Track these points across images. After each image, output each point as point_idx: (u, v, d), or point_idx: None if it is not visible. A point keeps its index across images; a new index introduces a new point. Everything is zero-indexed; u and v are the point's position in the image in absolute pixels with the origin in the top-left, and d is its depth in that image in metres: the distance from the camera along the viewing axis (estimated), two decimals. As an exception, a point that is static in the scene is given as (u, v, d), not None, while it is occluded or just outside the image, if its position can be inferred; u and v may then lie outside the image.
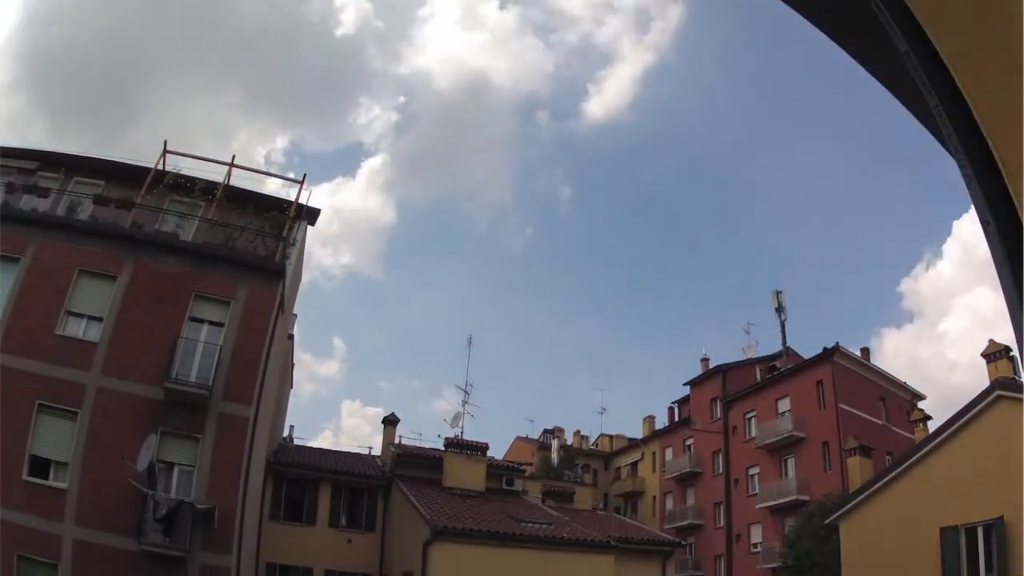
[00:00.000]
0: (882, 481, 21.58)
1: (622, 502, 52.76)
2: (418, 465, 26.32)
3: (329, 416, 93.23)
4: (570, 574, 19.81)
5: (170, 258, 19.89)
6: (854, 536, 21.82)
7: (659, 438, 52.68)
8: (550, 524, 21.87)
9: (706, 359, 50.14)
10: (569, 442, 56.35)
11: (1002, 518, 17.02)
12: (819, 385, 39.14)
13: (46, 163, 22.40)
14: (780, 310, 46.26)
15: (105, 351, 18.29)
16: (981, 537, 17.93)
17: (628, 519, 37.45)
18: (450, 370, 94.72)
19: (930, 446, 20.25)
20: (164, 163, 22.77)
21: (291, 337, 29.07)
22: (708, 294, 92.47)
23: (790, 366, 43.09)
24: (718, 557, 43.67)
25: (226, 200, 21.99)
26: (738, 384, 45.91)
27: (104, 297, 19.02)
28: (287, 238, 21.81)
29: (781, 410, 41.36)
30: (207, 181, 22.25)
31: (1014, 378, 18.37)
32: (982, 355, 19.96)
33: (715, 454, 46.08)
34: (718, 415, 46.59)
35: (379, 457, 29.32)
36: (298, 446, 29.99)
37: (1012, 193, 1.44)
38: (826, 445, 37.42)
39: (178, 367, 18.38)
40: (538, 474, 38.60)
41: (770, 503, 39.24)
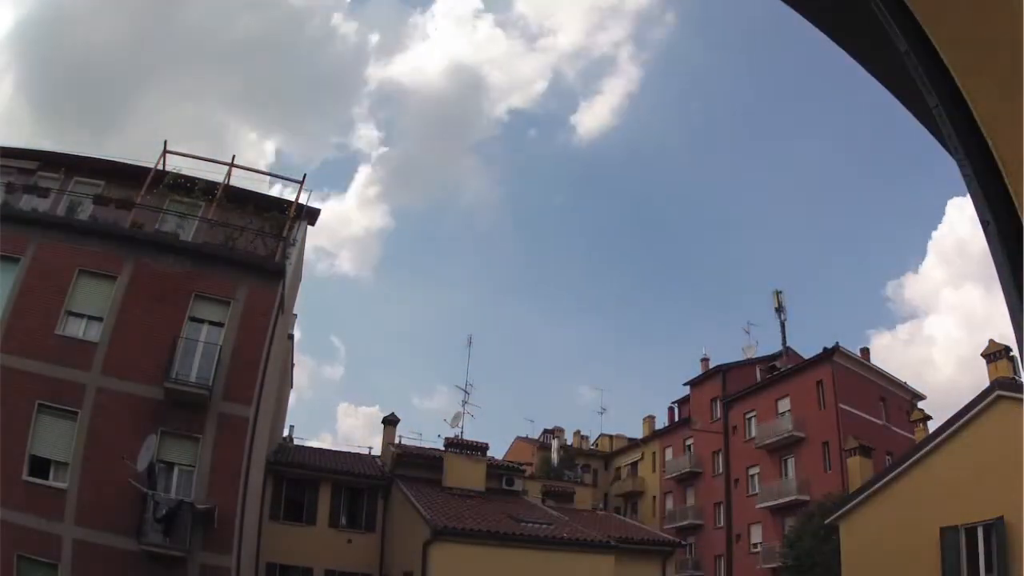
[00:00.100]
0: (882, 481, 21.57)
1: (622, 502, 52.75)
2: (418, 465, 26.32)
3: (329, 416, 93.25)
4: (570, 574, 19.80)
5: (170, 258, 19.89)
6: (854, 536, 21.82)
7: (659, 438, 52.67)
8: (550, 524, 21.86)
9: (706, 359, 50.22)
10: (569, 442, 56.33)
11: (1002, 518, 17.02)
12: (819, 385, 39.13)
13: (46, 163, 22.40)
14: (780, 310, 46.26)
15: (105, 351, 18.29)
16: (981, 537, 17.92)
17: (628, 519, 37.44)
18: (450, 370, 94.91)
19: (930, 446, 20.24)
20: (164, 163, 22.79)
21: (291, 337, 29.06)
22: (708, 295, 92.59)
23: (790, 366, 43.08)
24: (718, 557, 43.67)
25: (226, 200, 21.99)
26: (738, 384, 45.90)
27: (104, 297, 19.02)
28: (287, 238, 21.81)
29: (781, 410, 41.35)
30: (207, 181, 22.25)
31: (1014, 378, 18.36)
32: (982, 355, 19.93)
33: (715, 454, 46.07)
34: (718, 415, 46.58)
35: (379, 457, 29.31)
36: (298, 446, 29.98)
37: (1012, 193, 1.44)
38: (826, 445, 37.41)
39: (178, 367, 18.38)
40: (538, 474, 38.58)
41: (770, 503, 39.23)
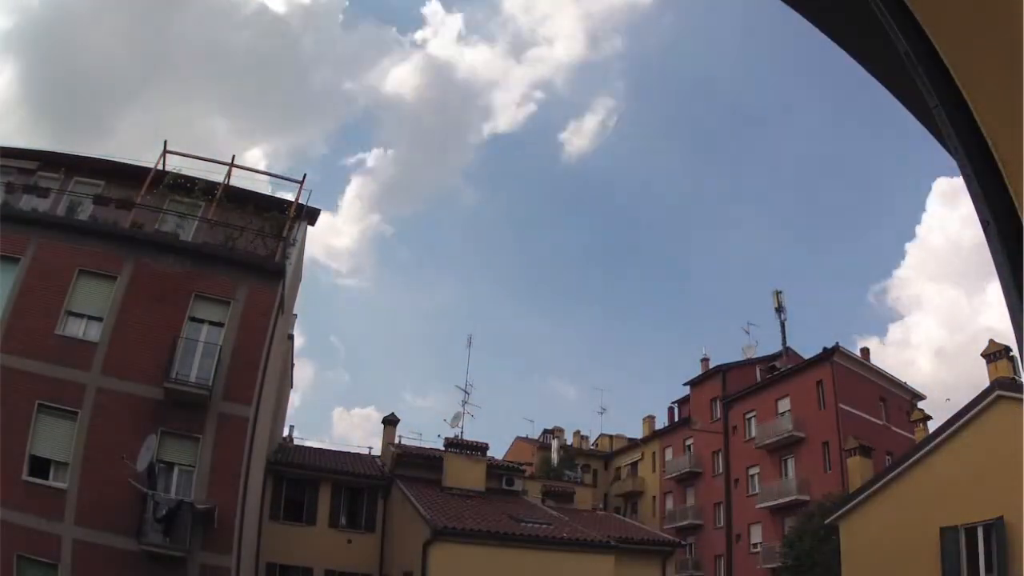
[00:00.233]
0: (882, 481, 21.57)
1: (622, 502, 52.73)
2: (418, 465, 26.32)
3: (329, 417, 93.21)
4: (570, 574, 19.79)
5: (170, 258, 19.89)
6: (854, 536, 21.81)
7: (659, 438, 52.65)
8: (550, 524, 21.85)
9: (706, 359, 50.22)
10: (569, 442, 56.32)
11: (1002, 518, 17.02)
12: (819, 385, 39.13)
13: (46, 163, 22.40)
14: (780, 310, 46.27)
15: (105, 351, 18.29)
16: (981, 537, 17.93)
17: (628, 519, 37.42)
18: (450, 370, 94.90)
19: (930, 446, 20.24)
20: (164, 163, 22.78)
21: (291, 337, 29.06)
22: (707, 295, 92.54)
23: (790, 366, 43.07)
24: (718, 557, 43.66)
25: (226, 200, 21.98)
26: (738, 384, 45.88)
27: (104, 297, 19.02)
28: (287, 238, 21.81)
29: (781, 410, 41.34)
30: (207, 181, 22.24)
31: (1014, 378, 18.36)
32: (982, 355, 19.94)
33: (715, 454, 46.07)
34: (718, 415, 46.58)
35: (379, 457, 29.32)
36: (298, 446, 30.00)
37: (1012, 193, 1.44)
38: (826, 445, 37.41)
39: (178, 367, 18.39)
40: (538, 474, 38.55)
41: (770, 503, 39.23)
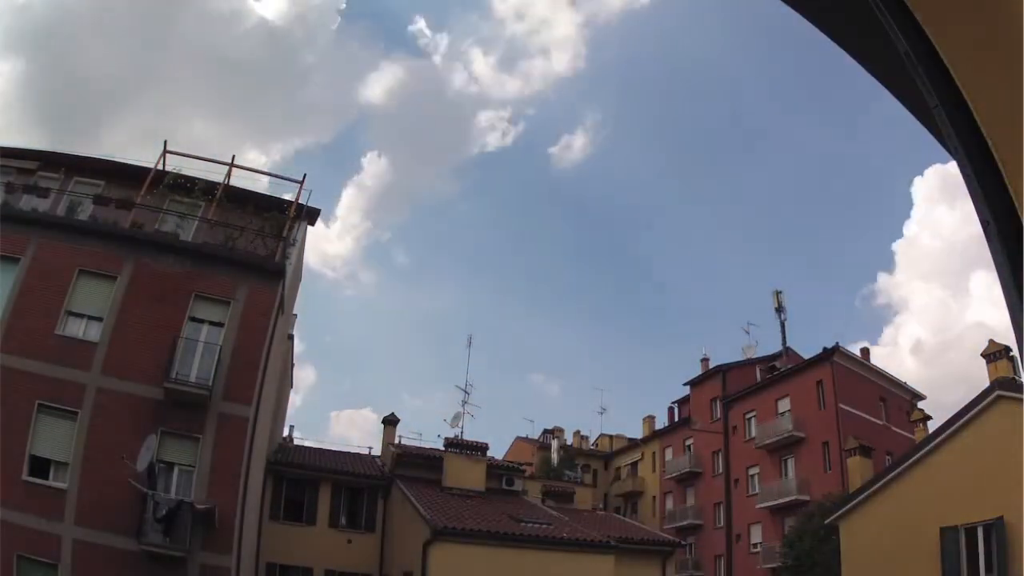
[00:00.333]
0: (882, 481, 21.57)
1: (622, 502, 52.73)
2: (418, 465, 26.32)
3: (328, 417, 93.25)
4: (570, 574, 19.78)
5: (170, 258, 19.89)
6: (854, 536, 21.81)
7: (659, 438, 52.64)
8: (550, 524, 21.86)
9: (706, 359, 50.22)
10: (569, 442, 56.31)
11: (1002, 518, 17.02)
12: (819, 385, 39.13)
13: (46, 163, 22.40)
14: (780, 310, 46.27)
15: (105, 351, 18.29)
16: (981, 537, 17.93)
17: (628, 519, 37.44)
18: (450, 371, 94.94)
19: (930, 446, 20.24)
20: (164, 163, 22.78)
21: (291, 337, 29.06)
22: (708, 295, 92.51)
23: (790, 366, 43.07)
24: (718, 557, 43.66)
25: (226, 200, 21.98)
26: (738, 384, 45.88)
27: (104, 297, 19.02)
28: (287, 238, 21.81)
29: (781, 410, 41.34)
30: (207, 181, 22.24)
31: (1014, 378, 18.36)
32: (982, 355, 19.93)
33: (715, 454, 46.07)
34: (718, 415, 46.58)
35: (379, 457, 29.32)
36: (298, 446, 29.99)
37: (1012, 193, 1.44)
38: (826, 445, 37.41)
39: (178, 367, 18.39)
40: (538, 474, 38.55)
41: (770, 503, 39.23)
